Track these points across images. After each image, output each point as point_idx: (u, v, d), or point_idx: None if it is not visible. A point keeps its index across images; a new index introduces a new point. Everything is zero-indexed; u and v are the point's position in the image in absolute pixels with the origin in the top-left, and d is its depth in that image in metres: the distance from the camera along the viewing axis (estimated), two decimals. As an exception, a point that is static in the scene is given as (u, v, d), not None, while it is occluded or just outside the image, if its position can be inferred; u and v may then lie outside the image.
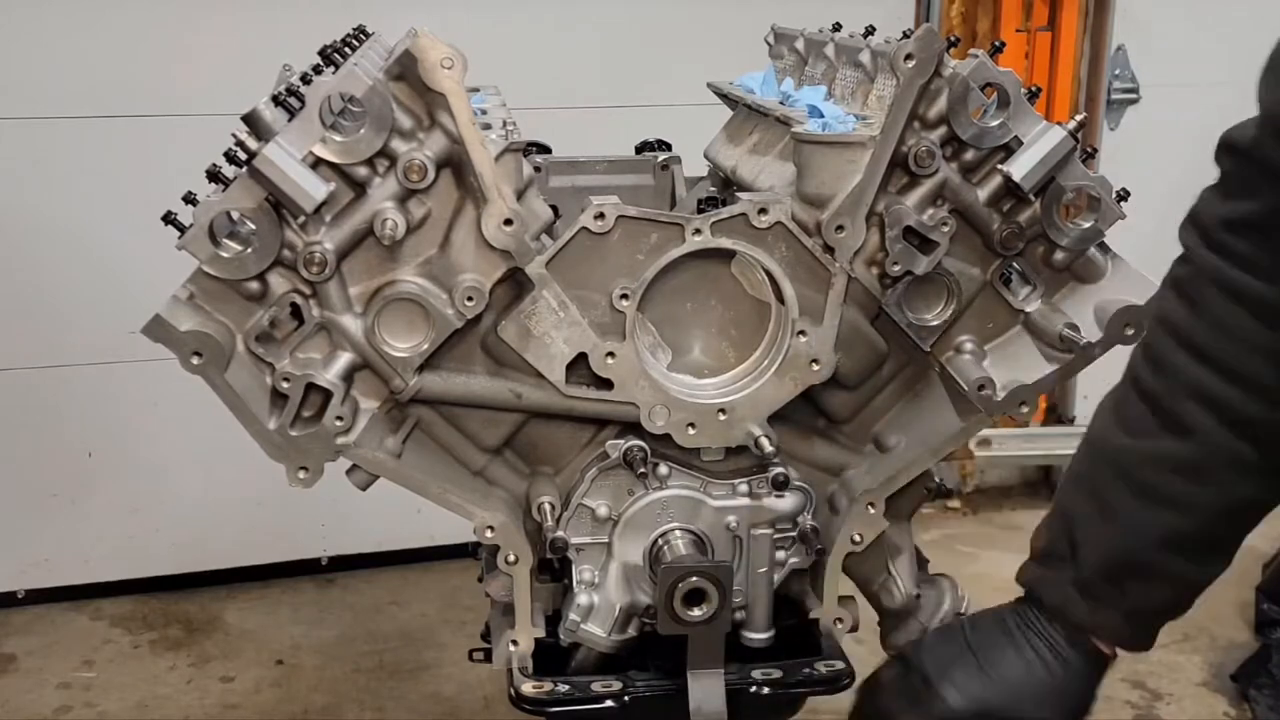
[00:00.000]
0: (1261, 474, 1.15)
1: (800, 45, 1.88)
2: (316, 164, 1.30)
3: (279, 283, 1.34)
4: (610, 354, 1.42)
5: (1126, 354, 1.35)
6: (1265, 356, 1.11)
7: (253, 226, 1.29)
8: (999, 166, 1.42)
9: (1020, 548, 1.32)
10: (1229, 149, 1.13)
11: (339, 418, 1.37)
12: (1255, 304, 1.10)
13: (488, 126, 1.41)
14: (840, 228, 1.41)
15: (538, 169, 1.84)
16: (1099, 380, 1.34)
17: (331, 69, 1.52)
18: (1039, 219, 1.44)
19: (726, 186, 1.86)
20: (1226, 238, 1.11)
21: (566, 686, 1.48)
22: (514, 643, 1.50)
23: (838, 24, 1.85)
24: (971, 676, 1.26)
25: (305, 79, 1.44)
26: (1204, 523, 1.16)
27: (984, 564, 3.75)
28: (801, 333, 1.44)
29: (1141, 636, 1.24)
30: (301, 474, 1.39)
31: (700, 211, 1.44)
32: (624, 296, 1.40)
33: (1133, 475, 1.16)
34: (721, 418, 1.45)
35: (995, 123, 1.40)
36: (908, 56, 1.36)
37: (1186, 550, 1.17)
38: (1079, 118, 1.45)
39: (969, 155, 1.42)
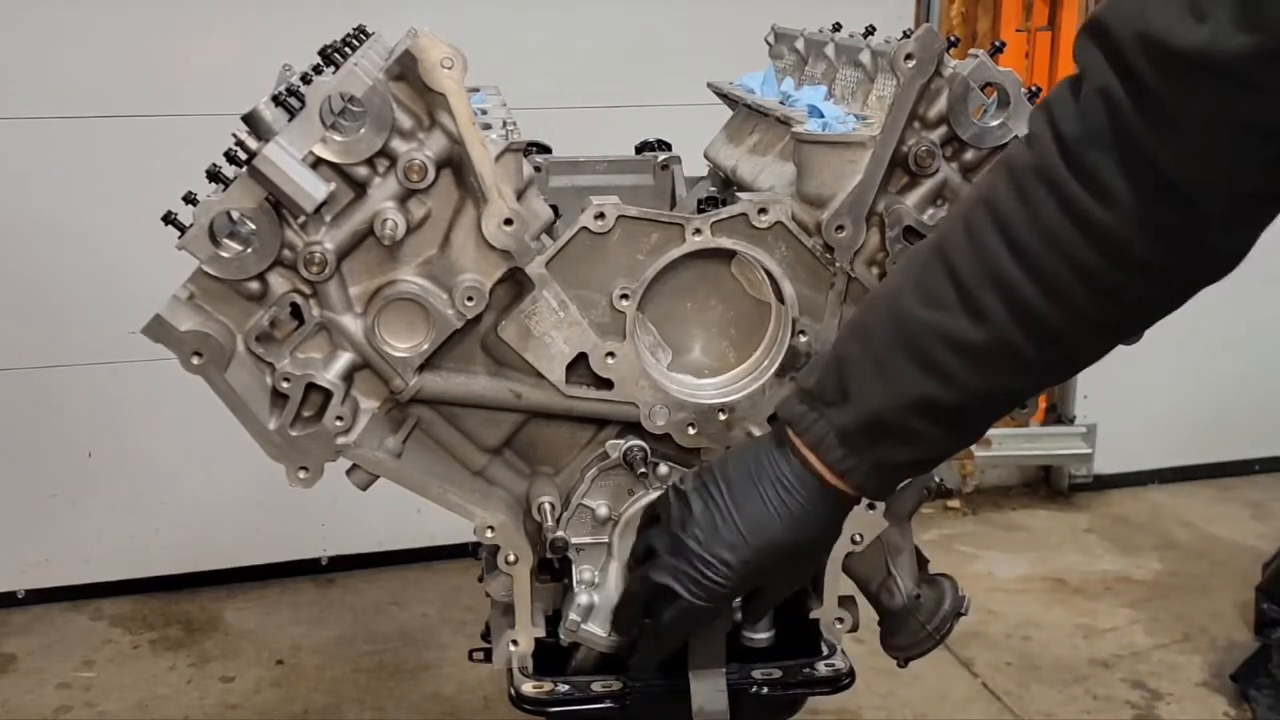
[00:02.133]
0: (1031, 373, 1.21)
1: (800, 45, 1.88)
2: (316, 164, 1.30)
3: (279, 283, 1.34)
4: (610, 354, 1.42)
5: (1128, 354, 1.35)
6: (1087, 283, 1.12)
7: (253, 226, 1.29)
8: (999, 166, 1.42)
9: (1021, 547, 1.33)
10: (1105, 38, 1.07)
11: (339, 418, 1.37)
12: (1099, 236, 1.09)
13: (488, 126, 1.41)
14: (840, 228, 1.41)
15: (538, 169, 1.84)
16: (1100, 380, 1.34)
17: (331, 69, 1.52)
18: (1039, 219, 1.44)
19: (726, 186, 1.86)
20: (1084, 153, 1.09)
21: (566, 686, 1.48)
22: (514, 643, 1.50)
23: (838, 24, 1.85)
24: (722, 525, 1.29)
25: (305, 79, 1.44)
26: (963, 400, 1.20)
27: (984, 564, 3.76)
28: (802, 332, 1.44)
29: (881, 487, 1.29)
30: (301, 474, 1.39)
31: (700, 211, 1.44)
32: (624, 296, 1.40)
33: (915, 343, 1.19)
34: (721, 418, 1.46)
35: (995, 123, 1.40)
36: (908, 56, 1.36)
37: (939, 420, 1.22)
38: (1079, 118, 1.45)
39: (969, 155, 1.42)
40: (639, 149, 2.05)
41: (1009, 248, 1.13)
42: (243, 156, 1.28)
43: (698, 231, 1.40)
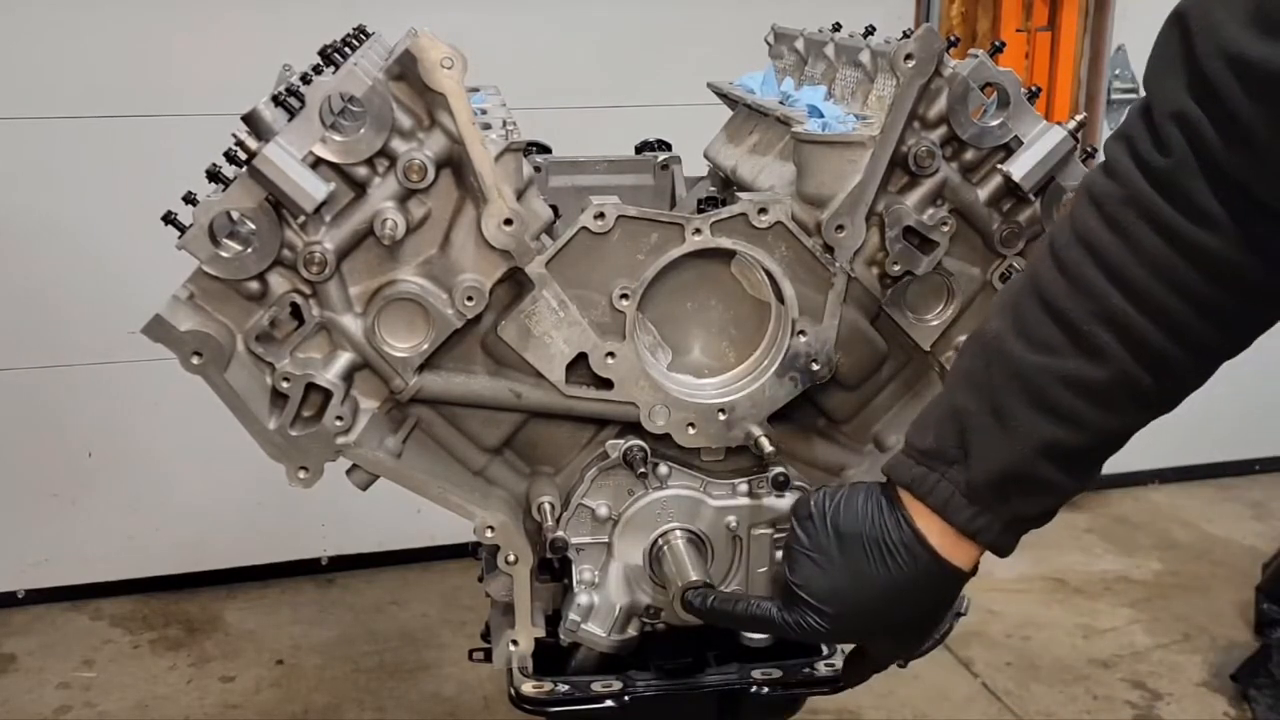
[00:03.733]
0: (1150, 406, 1.17)
1: (800, 45, 1.88)
2: (316, 164, 1.30)
3: (279, 283, 1.34)
4: (610, 354, 1.42)
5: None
6: (1199, 310, 1.09)
7: (253, 226, 1.29)
8: (999, 166, 1.42)
9: (1020, 547, 1.32)
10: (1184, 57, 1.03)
11: (339, 418, 1.37)
12: (1206, 261, 1.07)
13: (488, 126, 1.41)
14: (840, 227, 1.41)
15: (538, 169, 1.84)
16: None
17: (331, 69, 1.52)
18: (1039, 219, 1.44)
19: (726, 186, 1.86)
20: (1175, 180, 1.05)
21: (566, 686, 1.48)
22: (514, 643, 1.50)
23: (838, 24, 1.85)
24: (825, 572, 1.26)
25: (305, 79, 1.44)
26: (1090, 441, 1.18)
27: (984, 564, 3.75)
28: (801, 332, 1.44)
29: (1010, 543, 1.26)
30: (301, 474, 1.39)
31: (700, 211, 1.44)
32: (624, 296, 1.40)
33: (1034, 389, 1.15)
34: (721, 417, 1.45)
35: (995, 122, 1.40)
36: (908, 56, 1.36)
37: (1069, 464, 1.19)
38: (1079, 118, 1.45)
39: (969, 155, 1.42)
40: (639, 149, 2.05)
41: (1114, 282, 1.10)
42: (243, 156, 1.28)
43: (698, 231, 1.40)
